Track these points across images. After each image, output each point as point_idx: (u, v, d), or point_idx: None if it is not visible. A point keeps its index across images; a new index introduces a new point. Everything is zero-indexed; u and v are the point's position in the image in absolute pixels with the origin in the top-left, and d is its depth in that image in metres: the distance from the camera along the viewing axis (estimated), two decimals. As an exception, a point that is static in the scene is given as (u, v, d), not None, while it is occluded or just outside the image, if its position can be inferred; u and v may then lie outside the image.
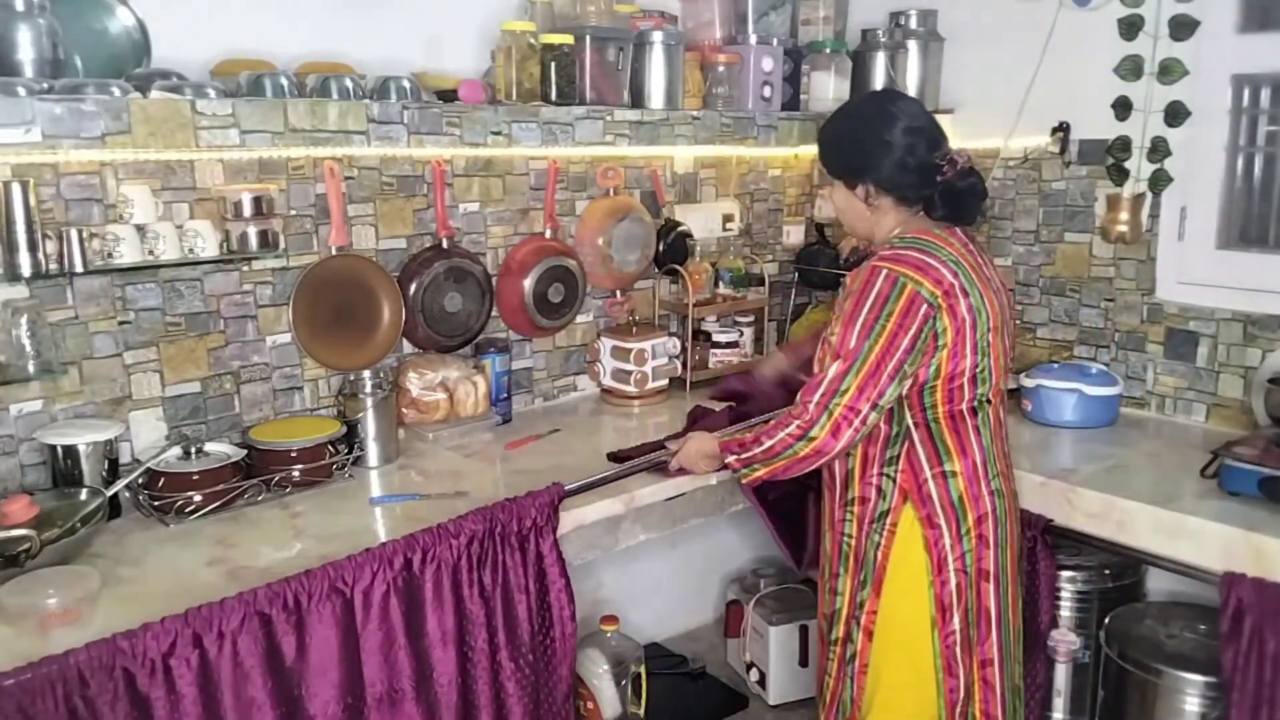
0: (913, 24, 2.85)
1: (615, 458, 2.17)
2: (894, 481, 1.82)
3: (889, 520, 1.83)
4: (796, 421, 1.77)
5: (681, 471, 2.08)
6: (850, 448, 1.79)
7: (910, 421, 1.80)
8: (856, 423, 1.73)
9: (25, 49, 1.71)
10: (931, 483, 1.81)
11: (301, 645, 1.59)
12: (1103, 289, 2.63)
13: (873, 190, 1.84)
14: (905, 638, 1.84)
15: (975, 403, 1.81)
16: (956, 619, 1.82)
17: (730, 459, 1.91)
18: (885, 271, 1.74)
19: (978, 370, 1.79)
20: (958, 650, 1.83)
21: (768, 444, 1.82)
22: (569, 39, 2.29)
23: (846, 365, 1.73)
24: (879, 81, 2.84)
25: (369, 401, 2.18)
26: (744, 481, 1.93)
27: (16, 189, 1.75)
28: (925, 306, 1.71)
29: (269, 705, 1.56)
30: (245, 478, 1.97)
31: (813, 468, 1.83)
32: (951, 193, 1.82)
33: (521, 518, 1.84)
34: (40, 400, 1.92)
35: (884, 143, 1.81)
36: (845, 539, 1.89)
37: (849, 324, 1.75)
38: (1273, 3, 2.31)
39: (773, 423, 1.84)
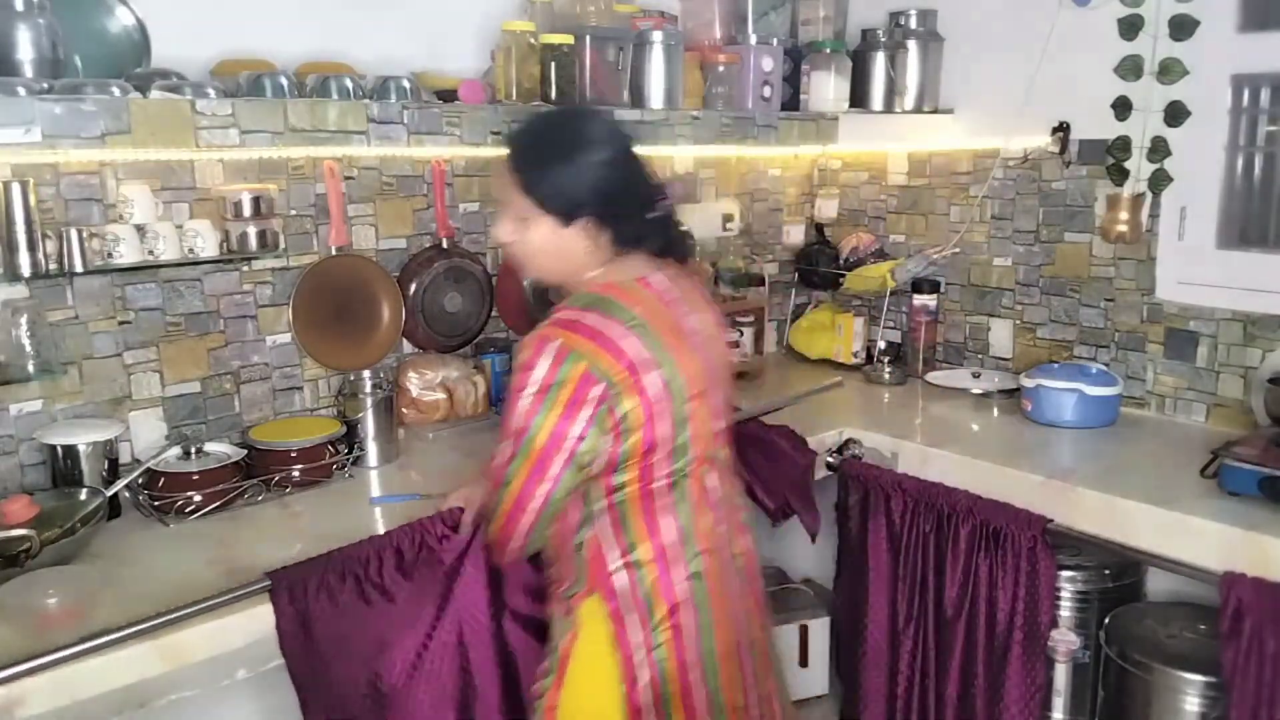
0: (913, 24, 2.85)
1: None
2: (581, 569, 1.60)
3: (574, 613, 1.60)
4: (485, 502, 1.61)
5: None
6: (534, 540, 1.57)
7: (597, 506, 1.58)
8: (528, 518, 1.52)
9: (25, 49, 1.71)
10: (617, 576, 1.58)
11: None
12: (1103, 289, 2.63)
13: (596, 228, 1.58)
14: None
15: (673, 479, 1.59)
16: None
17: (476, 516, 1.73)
18: (555, 344, 1.49)
19: (676, 444, 1.57)
20: None
21: (479, 513, 1.65)
22: (569, 39, 2.28)
23: (512, 451, 1.51)
24: (879, 81, 2.84)
25: (369, 401, 2.18)
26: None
27: (16, 189, 1.75)
28: (602, 387, 1.48)
29: None
30: (245, 478, 1.97)
31: (504, 561, 1.63)
32: (665, 226, 1.65)
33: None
34: (40, 400, 1.92)
35: (608, 174, 1.57)
36: (551, 612, 1.68)
37: (514, 402, 1.51)
38: (1273, 3, 2.31)
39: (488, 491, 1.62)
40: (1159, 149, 2.43)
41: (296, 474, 2.02)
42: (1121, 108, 2.47)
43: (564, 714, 1.60)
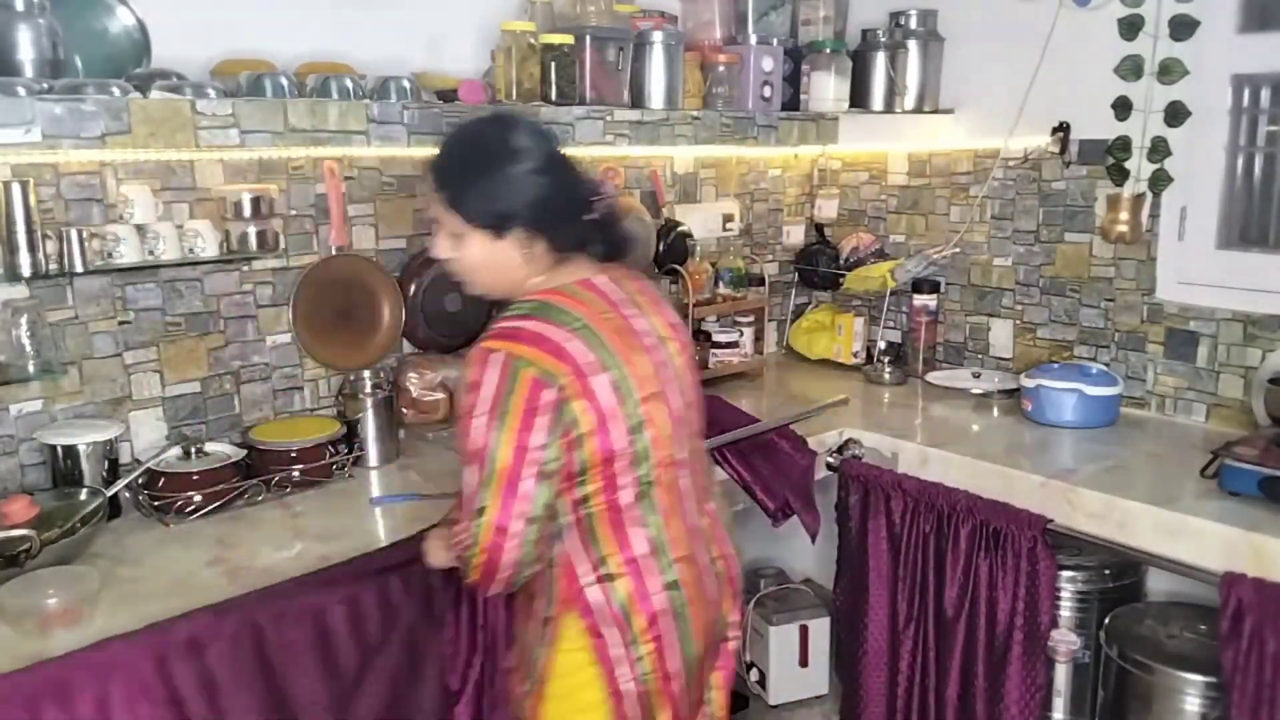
0: (913, 24, 2.84)
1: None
2: (553, 586, 1.56)
3: (551, 629, 1.56)
4: (463, 537, 1.50)
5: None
6: (523, 564, 1.49)
7: (564, 521, 1.53)
8: (512, 543, 1.46)
9: (25, 49, 1.71)
10: (592, 589, 1.53)
11: None
12: (1103, 289, 2.63)
13: (529, 238, 1.54)
14: None
15: (639, 488, 1.54)
16: None
17: (450, 556, 1.60)
18: (498, 356, 1.45)
19: (635, 450, 1.52)
20: None
21: (456, 551, 1.53)
22: (569, 39, 2.28)
23: (479, 478, 1.46)
24: (879, 81, 2.84)
25: (369, 401, 2.18)
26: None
27: (16, 189, 1.75)
28: (554, 391, 1.44)
29: None
30: (245, 478, 1.97)
31: (493, 593, 1.56)
32: (606, 228, 1.62)
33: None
34: (40, 400, 1.92)
35: (534, 181, 1.53)
36: (523, 632, 1.64)
37: (468, 423, 1.47)
38: (1273, 2, 2.31)
39: (461, 524, 1.52)
40: (1159, 149, 2.43)
41: (296, 474, 2.02)
42: (1121, 108, 2.46)
43: None
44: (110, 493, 1.82)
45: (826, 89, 2.80)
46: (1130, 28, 2.41)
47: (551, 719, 1.56)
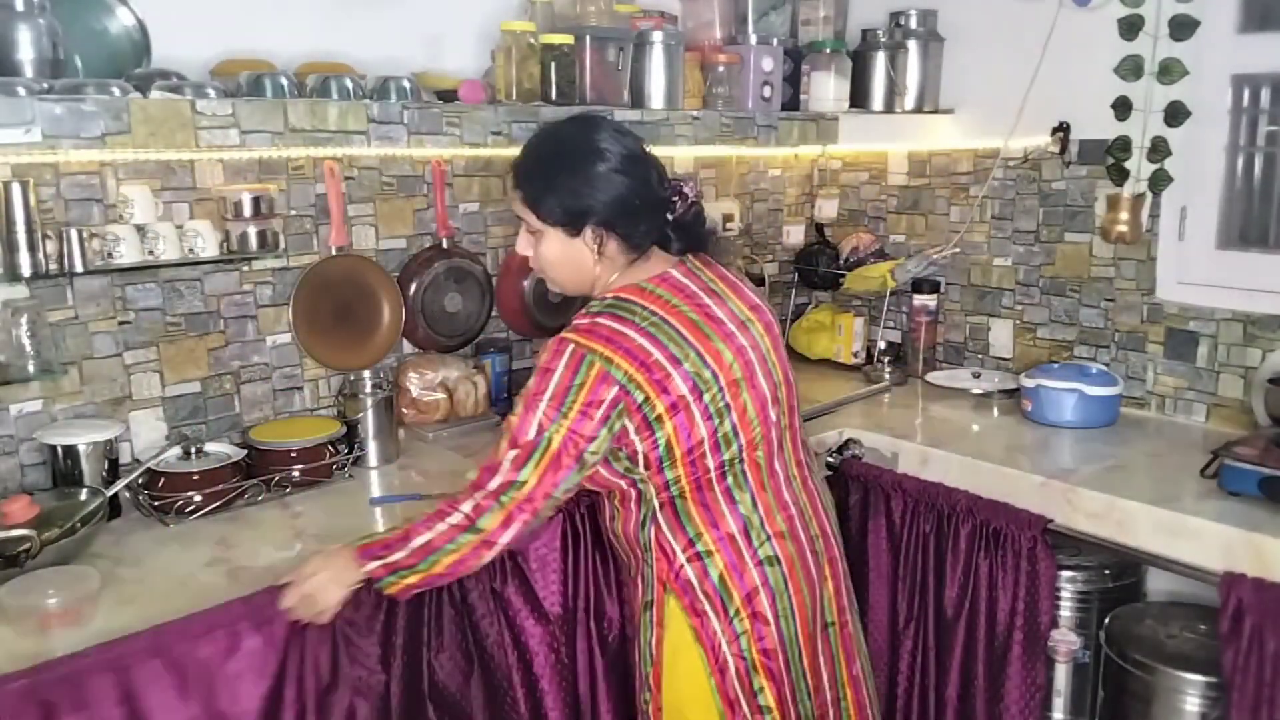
0: (913, 24, 2.84)
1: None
2: (652, 569, 1.63)
3: (654, 614, 1.64)
4: (461, 511, 1.53)
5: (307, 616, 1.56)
6: (516, 542, 1.57)
7: (656, 502, 1.61)
8: (528, 517, 1.53)
9: (25, 49, 1.71)
10: (687, 568, 1.61)
11: None
12: (1103, 289, 2.63)
13: (603, 236, 1.61)
14: None
15: (725, 469, 1.60)
16: (746, 708, 1.63)
17: (373, 565, 1.54)
18: (572, 348, 1.53)
19: (718, 436, 1.58)
20: None
21: (424, 538, 1.52)
22: (569, 39, 2.28)
23: (525, 455, 1.51)
24: (879, 81, 2.84)
25: (369, 401, 2.18)
26: (387, 593, 1.58)
27: (16, 189, 1.75)
28: (617, 389, 1.51)
29: None
30: (245, 478, 1.97)
31: (477, 566, 1.57)
32: (683, 226, 1.66)
33: None
34: (40, 400, 1.92)
35: (609, 180, 1.58)
36: (636, 628, 1.72)
37: (530, 407, 1.53)
38: (1273, 2, 2.31)
39: (428, 514, 1.55)
40: (1159, 149, 2.43)
41: (296, 474, 2.02)
42: (1121, 108, 2.46)
43: (668, 714, 1.65)
44: (110, 493, 1.82)
45: (826, 89, 2.80)
46: (1130, 28, 2.41)
47: (668, 703, 1.65)
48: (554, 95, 2.29)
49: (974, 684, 2.19)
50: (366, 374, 2.25)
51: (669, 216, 1.65)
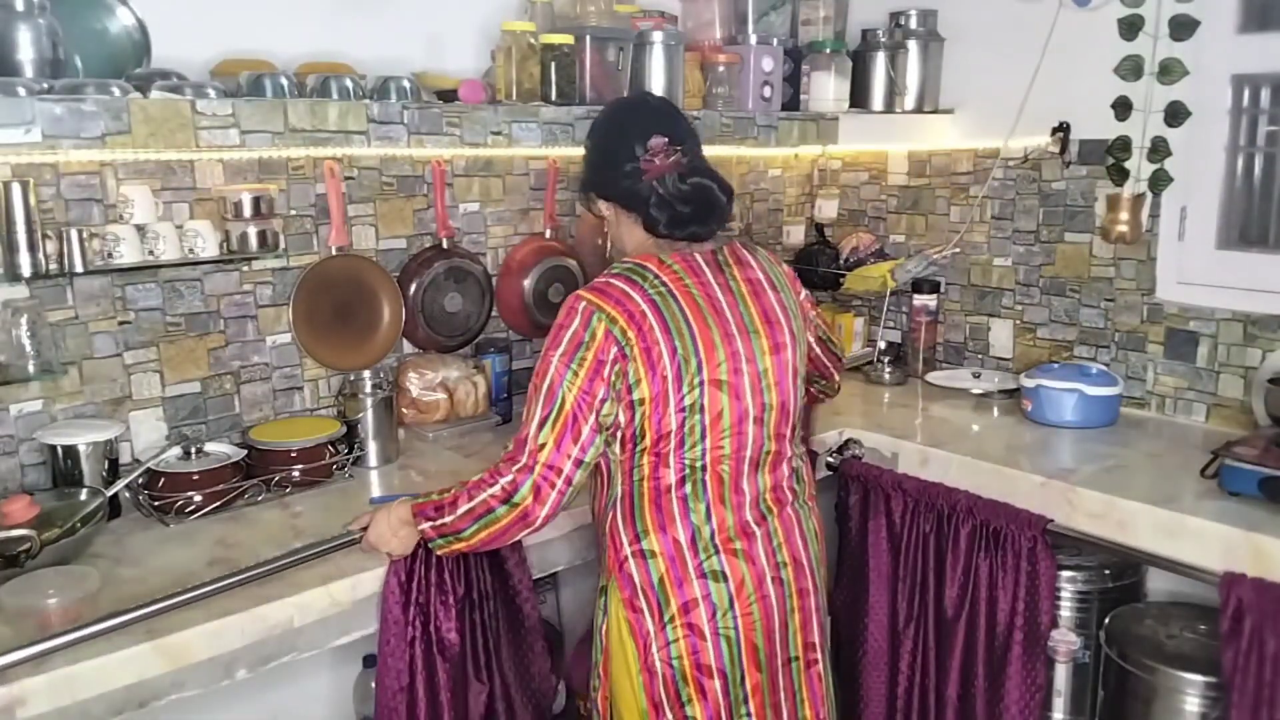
0: (913, 24, 2.85)
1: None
2: (605, 555, 1.64)
3: (604, 600, 1.64)
4: (502, 481, 1.54)
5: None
6: (556, 513, 1.56)
7: (619, 490, 1.61)
8: (560, 484, 1.52)
9: (25, 49, 1.71)
10: (630, 562, 1.59)
11: None
12: (1103, 289, 2.63)
13: (604, 205, 1.70)
14: None
15: (688, 470, 1.58)
16: (670, 716, 1.59)
17: (425, 526, 1.60)
18: (582, 304, 1.55)
19: (685, 431, 1.56)
20: None
21: (466, 506, 1.55)
22: (569, 39, 2.28)
23: (545, 413, 1.53)
24: (879, 81, 2.84)
25: (369, 401, 2.18)
26: (439, 553, 1.63)
27: (16, 189, 1.75)
28: (617, 349, 1.52)
29: None
30: (245, 478, 1.97)
31: (516, 539, 1.60)
32: (663, 199, 1.60)
33: None
34: (40, 400, 1.92)
35: (589, 149, 1.70)
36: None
37: (545, 359, 1.56)
38: (1273, 3, 2.31)
39: (475, 479, 1.57)
40: (1159, 149, 2.43)
41: (296, 474, 2.02)
42: (1121, 108, 2.46)
43: (612, 701, 1.65)
44: (110, 493, 1.82)
45: (826, 89, 2.80)
46: (1130, 28, 2.41)
47: (611, 692, 1.64)
48: (554, 95, 2.29)
49: (974, 684, 2.19)
50: (366, 374, 2.25)
51: (642, 182, 1.60)
